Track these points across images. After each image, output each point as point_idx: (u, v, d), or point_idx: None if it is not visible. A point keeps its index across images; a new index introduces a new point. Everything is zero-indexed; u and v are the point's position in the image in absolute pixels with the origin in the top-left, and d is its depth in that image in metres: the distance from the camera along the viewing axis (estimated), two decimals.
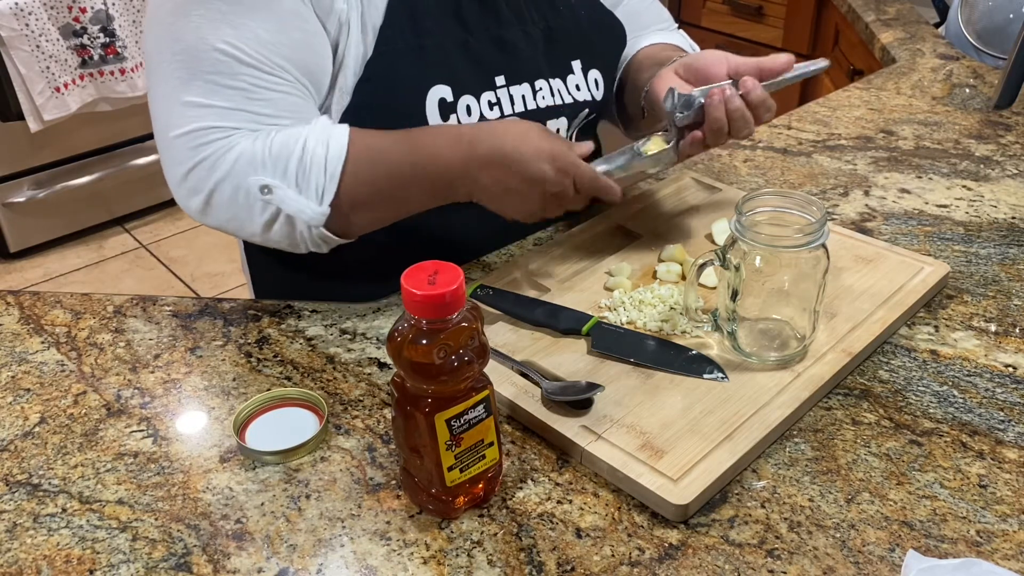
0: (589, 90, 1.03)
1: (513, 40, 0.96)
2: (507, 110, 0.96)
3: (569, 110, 1.01)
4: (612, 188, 0.90)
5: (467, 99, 0.93)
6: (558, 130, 1.00)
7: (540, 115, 0.98)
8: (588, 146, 0.90)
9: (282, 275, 1.08)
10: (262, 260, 1.10)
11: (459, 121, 0.93)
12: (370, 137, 0.86)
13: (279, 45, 0.84)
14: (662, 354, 0.82)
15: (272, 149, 0.82)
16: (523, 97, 0.97)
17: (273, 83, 0.84)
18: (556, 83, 1.00)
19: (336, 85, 0.90)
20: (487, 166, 0.85)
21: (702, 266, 0.79)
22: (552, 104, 0.99)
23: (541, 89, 0.98)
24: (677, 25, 1.20)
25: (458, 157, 0.85)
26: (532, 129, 0.86)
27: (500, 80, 0.95)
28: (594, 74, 1.04)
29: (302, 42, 0.86)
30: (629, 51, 1.12)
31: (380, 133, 0.86)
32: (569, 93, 1.01)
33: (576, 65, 1.02)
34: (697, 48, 1.13)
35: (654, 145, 0.92)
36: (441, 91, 0.91)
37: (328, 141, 0.83)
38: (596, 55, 1.04)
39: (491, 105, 0.94)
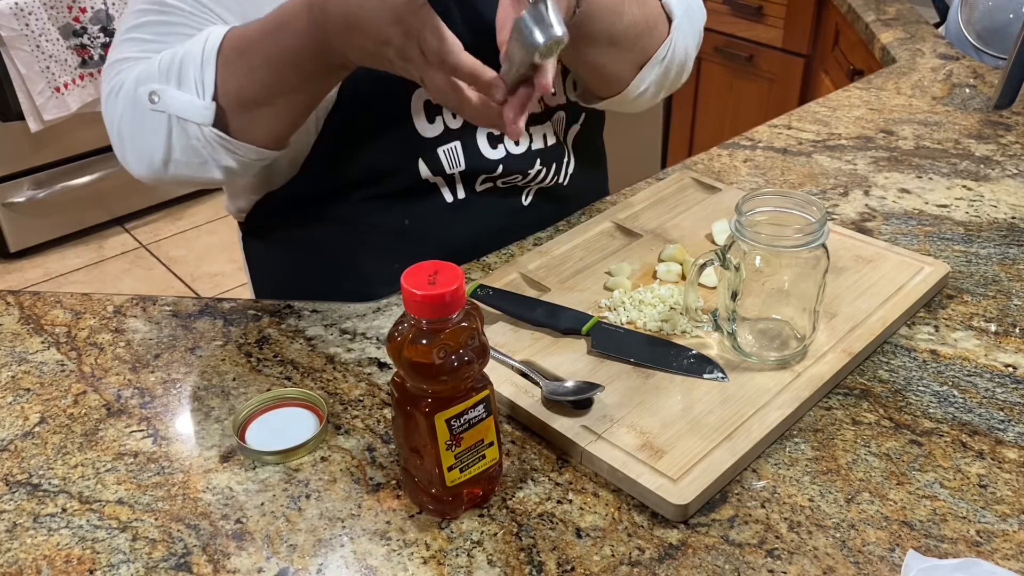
0: (565, 92, 1.01)
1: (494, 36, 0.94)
2: None
3: (542, 115, 0.98)
4: (469, 67, 0.72)
5: None
6: (544, 136, 0.96)
7: None
8: None
9: (282, 276, 1.08)
10: (262, 262, 1.10)
11: (444, 123, 0.92)
12: (241, 29, 0.82)
13: None
14: (662, 354, 0.82)
15: (161, 60, 0.82)
16: None
17: (200, 23, 0.85)
18: None
19: None
20: (339, 31, 0.75)
21: (702, 266, 0.79)
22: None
23: None
24: None
25: (307, 23, 0.77)
26: None
27: None
28: (572, 76, 1.01)
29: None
30: None
31: (248, 25, 0.82)
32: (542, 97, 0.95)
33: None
34: (676, 10, 0.98)
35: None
36: (425, 92, 0.87)
37: (206, 38, 0.81)
38: None
39: None
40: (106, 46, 2.55)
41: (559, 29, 0.66)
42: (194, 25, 0.85)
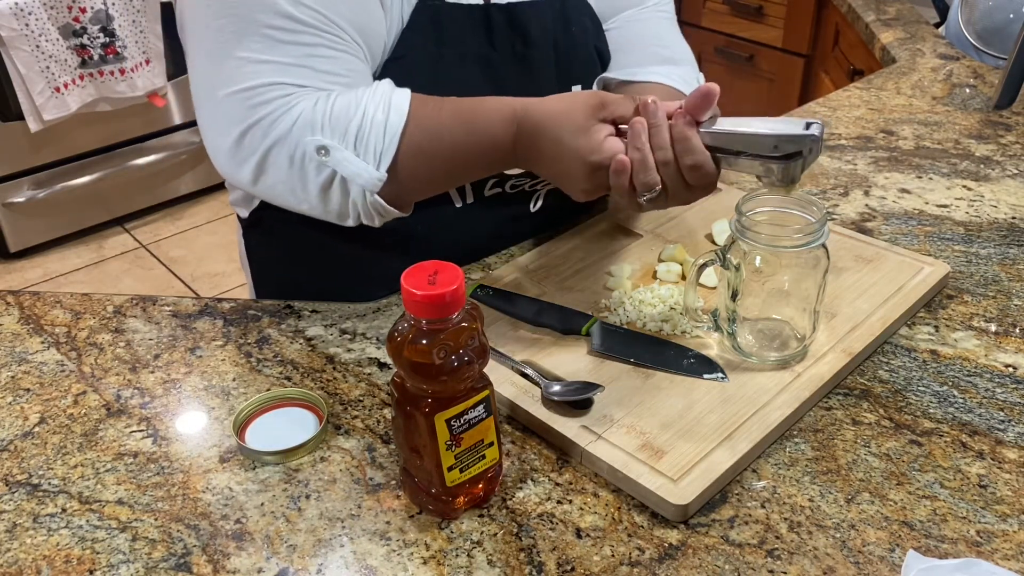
0: None
1: (534, 58, 0.94)
2: None
3: None
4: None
5: None
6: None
7: None
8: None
9: (283, 274, 1.08)
10: (263, 259, 1.10)
11: None
12: (429, 109, 0.83)
13: (337, 4, 0.82)
14: (662, 354, 0.82)
15: (332, 112, 0.80)
16: None
17: (333, 42, 0.82)
18: None
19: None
20: (529, 147, 0.81)
21: (702, 266, 0.79)
22: None
23: None
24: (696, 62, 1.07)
25: (509, 136, 0.82)
26: (578, 122, 0.77)
27: None
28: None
29: (359, 4, 0.84)
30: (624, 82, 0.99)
31: (438, 106, 0.84)
32: None
33: (576, 90, 0.98)
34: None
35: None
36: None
37: (389, 107, 0.81)
38: (593, 84, 1.01)
39: None
40: (106, 46, 2.55)
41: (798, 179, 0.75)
42: (330, 44, 0.82)
